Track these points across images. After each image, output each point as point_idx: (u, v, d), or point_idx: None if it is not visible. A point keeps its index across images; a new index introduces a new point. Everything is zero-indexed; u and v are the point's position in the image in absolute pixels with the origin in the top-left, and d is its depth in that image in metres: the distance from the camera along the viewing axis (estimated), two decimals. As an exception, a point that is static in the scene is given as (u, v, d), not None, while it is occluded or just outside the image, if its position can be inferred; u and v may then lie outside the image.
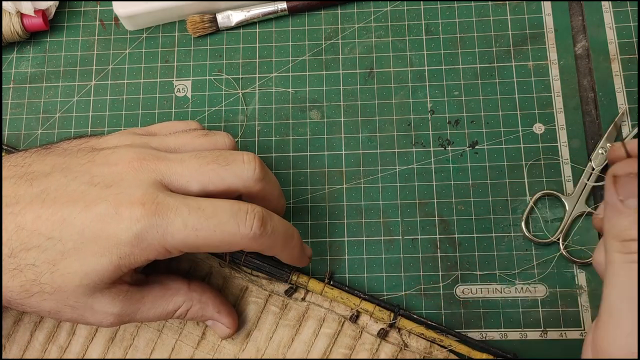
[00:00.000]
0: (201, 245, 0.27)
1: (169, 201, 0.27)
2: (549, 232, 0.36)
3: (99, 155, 0.29)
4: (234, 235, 0.27)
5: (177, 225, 0.26)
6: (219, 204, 0.27)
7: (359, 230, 0.37)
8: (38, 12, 0.40)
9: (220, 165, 0.28)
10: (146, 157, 0.28)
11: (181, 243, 0.27)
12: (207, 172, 0.28)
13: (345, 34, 0.41)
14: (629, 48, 0.39)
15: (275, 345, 0.34)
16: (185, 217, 0.26)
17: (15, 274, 0.27)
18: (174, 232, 0.26)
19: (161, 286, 0.30)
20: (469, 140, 0.38)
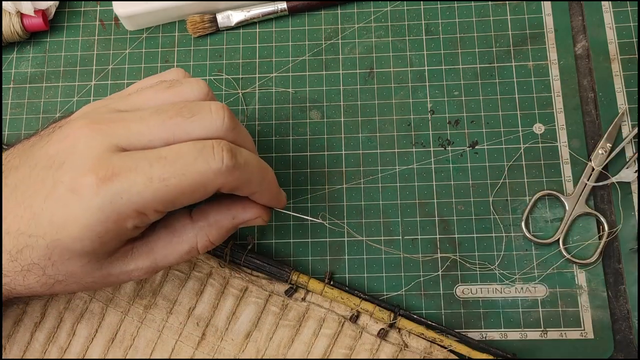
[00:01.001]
0: (175, 196, 0.25)
1: (126, 161, 0.24)
2: (549, 232, 0.36)
3: (55, 132, 0.26)
4: (206, 173, 0.25)
5: (142, 182, 0.24)
6: (180, 147, 0.25)
7: (359, 230, 0.37)
8: (38, 12, 0.40)
9: (185, 118, 0.26)
10: (99, 121, 0.26)
11: (152, 200, 0.24)
12: (170, 127, 0.25)
13: (345, 34, 0.41)
14: (629, 48, 0.39)
15: (275, 345, 0.34)
16: (148, 171, 0.24)
17: (26, 274, 0.26)
18: (140, 190, 0.24)
19: (167, 230, 0.28)
20: (469, 140, 0.38)
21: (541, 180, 0.37)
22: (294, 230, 0.37)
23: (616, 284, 0.35)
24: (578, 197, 0.36)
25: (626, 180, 0.36)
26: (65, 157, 0.25)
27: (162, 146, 0.25)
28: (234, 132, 0.27)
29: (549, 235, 0.36)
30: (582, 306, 0.35)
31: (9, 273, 0.27)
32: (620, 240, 0.36)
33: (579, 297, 0.35)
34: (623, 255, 0.35)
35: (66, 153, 0.25)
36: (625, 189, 0.37)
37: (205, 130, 0.26)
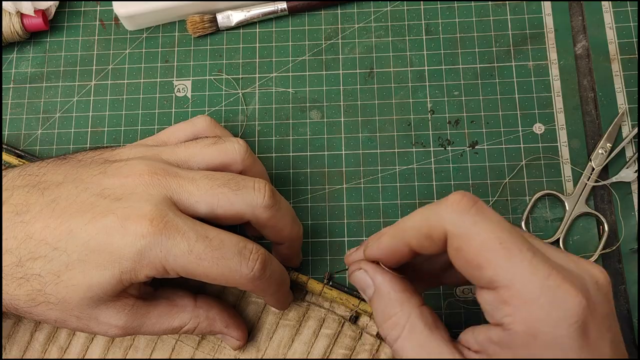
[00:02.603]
0: (199, 275, 0.27)
1: (178, 222, 0.26)
2: (549, 232, 0.36)
3: (111, 167, 0.29)
4: (234, 273, 0.27)
5: (182, 249, 0.26)
6: (226, 237, 0.27)
7: (359, 230, 0.37)
8: (38, 12, 0.40)
9: (231, 190, 0.28)
10: (157, 171, 0.28)
11: (181, 268, 0.26)
12: (217, 195, 0.28)
13: (345, 34, 0.41)
14: (629, 48, 0.39)
15: (275, 345, 0.34)
16: (192, 244, 0.26)
17: (22, 283, 0.27)
18: (177, 254, 0.26)
19: (168, 302, 0.30)
20: (469, 140, 0.38)
21: (541, 180, 0.37)
22: (294, 230, 0.37)
23: (616, 284, 0.35)
24: (578, 197, 0.36)
25: (626, 180, 0.36)
26: (123, 194, 0.27)
27: (205, 209, 0.28)
28: (273, 209, 0.29)
29: (549, 235, 0.36)
30: (582, 306, 0.35)
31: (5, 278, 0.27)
32: (620, 240, 0.36)
33: (579, 297, 0.35)
34: (623, 255, 0.35)
35: (124, 191, 0.27)
36: (625, 189, 0.37)
37: (247, 205, 0.28)
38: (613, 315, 0.23)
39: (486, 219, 0.23)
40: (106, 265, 0.26)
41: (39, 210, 0.27)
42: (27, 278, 0.27)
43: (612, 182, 0.36)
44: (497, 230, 0.22)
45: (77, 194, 0.27)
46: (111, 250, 0.26)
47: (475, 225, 0.23)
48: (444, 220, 0.23)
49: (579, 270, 0.23)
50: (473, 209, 0.23)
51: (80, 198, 0.27)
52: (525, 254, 0.22)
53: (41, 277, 0.26)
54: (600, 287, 0.23)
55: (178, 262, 0.26)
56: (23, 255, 0.27)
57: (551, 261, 0.22)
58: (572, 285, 0.21)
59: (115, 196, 0.27)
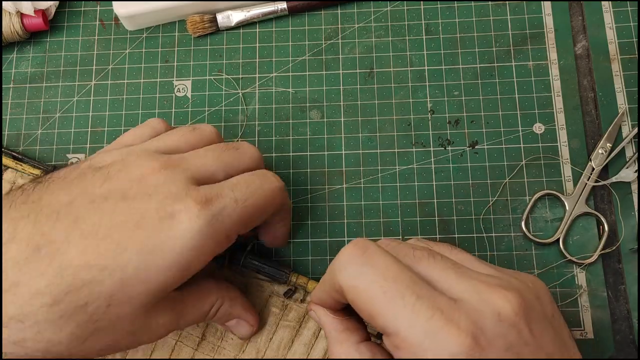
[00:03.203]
0: (253, 213, 0.28)
1: (211, 189, 0.27)
2: (549, 232, 0.36)
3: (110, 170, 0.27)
4: (272, 191, 0.29)
5: (230, 205, 0.26)
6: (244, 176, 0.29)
7: (358, 230, 0.37)
8: (38, 12, 0.40)
9: (234, 150, 0.30)
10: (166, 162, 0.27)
11: (238, 221, 0.27)
12: (225, 159, 0.29)
13: (345, 34, 0.41)
14: (629, 48, 0.39)
15: (275, 346, 0.34)
16: (231, 195, 0.27)
17: (63, 323, 0.23)
18: (230, 212, 0.26)
19: (196, 286, 0.29)
20: (469, 140, 0.38)
21: (541, 180, 0.37)
22: (294, 230, 0.37)
23: (616, 284, 0.35)
24: (578, 197, 0.36)
25: (626, 180, 0.36)
26: (148, 191, 0.26)
27: (223, 175, 0.29)
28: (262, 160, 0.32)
29: (549, 235, 0.36)
30: (582, 306, 0.35)
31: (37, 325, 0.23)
32: (620, 240, 0.36)
33: (579, 297, 0.35)
34: (623, 255, 0.35)
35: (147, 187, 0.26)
36: (625, 189, 0.37)
37: (250, 159, 0.30)
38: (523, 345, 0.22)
39: (372, 269, 0.24)
40: (170, 263, 0.25)
41: (65, 237, 0.24)
42: (69, 315, 0.23)
43: (612, 182, 0.36)
44: (381, 280, 0.23)
45: (99, 206, 0.25)
46: (172, 245, 0.24)
47: (361, 277, 0.24)
48: (337, 277, 0.25)
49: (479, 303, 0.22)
50: (360, 259, 0.24)
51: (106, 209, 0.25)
52: (407, 300, 0.22)
53: (89, 306, 0.24)
54: (502, 319, 0.22)
55: (233, 218, 0.26)
56: (58, 292, 0.23)
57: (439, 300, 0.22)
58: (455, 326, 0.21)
59: (143, 194, 0.25)
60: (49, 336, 0.23)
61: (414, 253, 0.25)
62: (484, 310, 0.22)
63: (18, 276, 0.23)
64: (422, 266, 0.24)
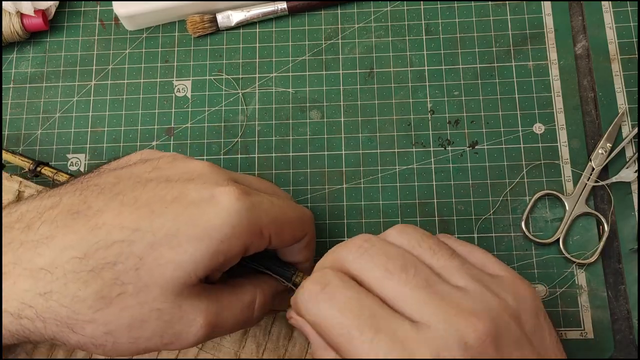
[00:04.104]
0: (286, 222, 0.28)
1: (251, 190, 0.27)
2: (549, 232, 0.36)
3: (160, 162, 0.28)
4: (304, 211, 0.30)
5: (267, 204, 0.27)
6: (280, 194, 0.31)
7: (359, 230, 0.37)
8: (38, 12, 0.40)
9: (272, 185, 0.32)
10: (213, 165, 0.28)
11: (273, 220, 0.27)
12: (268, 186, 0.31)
13: (345, 34, 0.41)
14: (629, 48, 0.39)
15: (274, 338, 0.34)
16: (269, 198, 0.27)
17: (90, 278, 0.23)
18: (267, 208, 0.26)
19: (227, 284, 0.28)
20: (469, 140, 0.38)
21: (541, 180, 0.37)
22: (294, 230, 0.37)
23: (616, 284, 0.35)
24: (578, 197, 0.36)
25: (626, 180, 0.36)
26: (191, 177, 0.26)
27: None
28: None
29: (549, 235, 0.36)
30: (582, 306, 0.35)
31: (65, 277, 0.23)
32: (620, 240, 0.36)
33: (579, 297, 0.35)
34: (623, 255, 0.35)
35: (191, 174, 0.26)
36: (625, 189, 0.37)
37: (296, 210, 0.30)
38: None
39: (331, 305, 0.24)
40: (202, 237, 0.24)
41: (104, 204, 0.24)
42: (97, 271, 0.23)
43: (612, 182, 0.36)
44: (340, 316, 0.23)
45: (144, 185, 0.25)
46: (207, 220, 0.24)
47: (321, 312, 0.24)
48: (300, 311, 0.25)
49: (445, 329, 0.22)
50: (320, 294, 0.24)
51: (148, 187, 0.25)
52: (366, 336, 0.22)
53: (117, 265, 0.23)
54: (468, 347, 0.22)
55: (270, 215, 0.26)
56: (90, 246, 0.23)
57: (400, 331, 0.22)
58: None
59: (186, 178, 0.26)
60: (75, 291, 0.23)
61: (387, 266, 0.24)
62: (449, 337, 0.22)
63: (53, 231, 0.24)
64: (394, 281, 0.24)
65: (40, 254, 0.23)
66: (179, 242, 0.24)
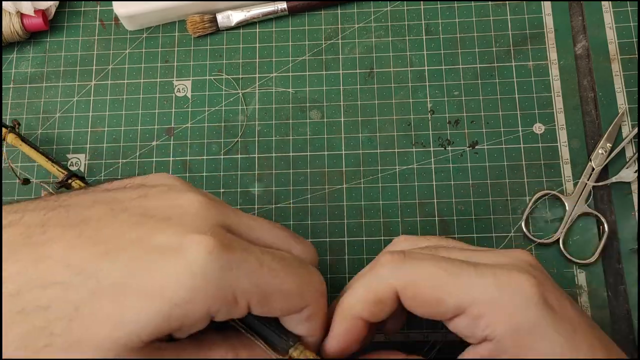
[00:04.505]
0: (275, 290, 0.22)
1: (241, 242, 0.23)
2: (549, 232, 0.36)
3: (152, 190, 0.24)
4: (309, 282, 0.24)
5: (253, 264, 0.22)
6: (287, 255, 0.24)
7: (358, 230, 0.37)
8: (38, 12, 0.40)
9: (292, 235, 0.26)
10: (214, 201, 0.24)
11: (255, 287, 0.22)
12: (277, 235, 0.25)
13: (345, 34, 0.41)
14: (629, 48, 0.39)
15: None
16: (260, 256, 0.22)
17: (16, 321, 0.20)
18: (250, 271, 0.22)
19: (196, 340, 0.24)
20: (469, 140, 0.38)
21: (541, 180, 0.37)
22: (295, 230, 0.37)
23: (616, 284, 0.35)
24: (578, 197, 0.36)
25: (626, 180, 0.36)
26: (173, 214, 0.22)
27: None
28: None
29: (549, 235, 0.36)
30: (582, 306, 0.35)
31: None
32: (620, 240, 0.36)
33: (579, 297, 0.35)
34: (623, 255, 0.35)
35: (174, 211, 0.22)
36: (625, 189, 0.37)
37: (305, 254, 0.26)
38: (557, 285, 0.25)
39: (421, 262, 0.25)
40: (152, 296, 0.20)
41: (61, 232, 0.21)
42: (27, 312, 0.20)
43: (612, 182, 0.36)
44: (436, 265, 0.25)
45: (113, 215, 0.22)
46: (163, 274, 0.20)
47: (417, 270, 0.25)
48: (389, 279, 0.25)
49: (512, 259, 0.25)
50: (406, 258, 0.25)
51: (118, 219, 0.22)
52: (469, 270, 0.24)
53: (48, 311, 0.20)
54: (534, 266, 0.25)
55: (252, 279, 0.22)
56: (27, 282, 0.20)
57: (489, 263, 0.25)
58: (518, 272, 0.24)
59: (164, 216, 0.22)
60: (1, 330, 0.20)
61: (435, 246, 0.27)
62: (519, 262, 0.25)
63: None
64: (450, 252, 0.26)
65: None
66: (124, 297, 0.20)
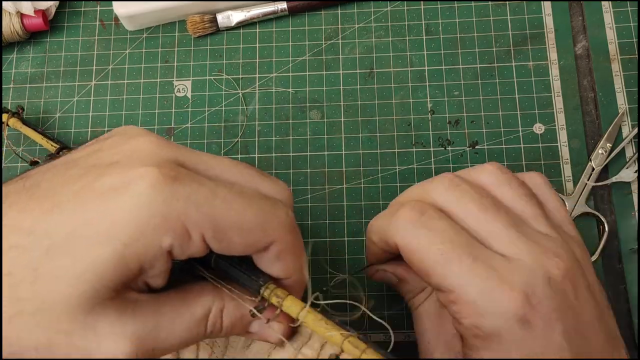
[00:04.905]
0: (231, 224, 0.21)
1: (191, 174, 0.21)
2: (549, 232, 0.36)
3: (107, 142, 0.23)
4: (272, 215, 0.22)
5: (204, 194, 0.20)
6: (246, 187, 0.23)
7: (358, 230, 0.37)
8: (38, 12, 0.40)
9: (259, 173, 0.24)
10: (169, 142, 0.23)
11: (207, 218, 0.20)
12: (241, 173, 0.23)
13: (345, 34, 0.41)
14: (629, 48, 0.39)
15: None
16: (213, 187, 0.21)
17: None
18: (199, 201, 0.20)
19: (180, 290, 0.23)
20: (469, 140, 0.38)
21: (541, 180, 0.37)
22: (294, 230, 0.37)
23: (616, 283, 0.35)
24: (578, 197, 0.36)
25: (626, 180, 0.36)
26: (121, 157, 0.21)
27: None
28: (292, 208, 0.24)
29: (549, 235, 0.36)
30: (582, 306, 0.35)
31: None
32: (620, 240, 0.36)
33: (579, 297, 0.35)
34: (623, 255, 0.35)
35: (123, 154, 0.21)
36: (625, 189, 0.37)
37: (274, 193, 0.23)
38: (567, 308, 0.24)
39: (430, 231, 0.25)
40: (103, 239, 0.19)
41: (16, 197, 0.21)
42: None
43: (612, 182, 0.36)
44: (439, 242, 0.24)
45: (65, 171, 0.21)
46: (111, 218, 0.19)
47: (419, 239, 0.25)
48: (394, 234, 0.26)
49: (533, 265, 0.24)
50: (418, 222, 0.25)
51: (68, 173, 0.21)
52: (464, 262, 0.24)
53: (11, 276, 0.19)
54: (552, 282, 0.23)
55: (203, 210, 0.20)
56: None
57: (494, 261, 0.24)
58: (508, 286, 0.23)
59: (112, 160, 0.21)
60: None
61: (482, 202, 0.25)
62: (537, 272, 0.23)
63: None
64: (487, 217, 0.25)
65: None
66: (77, 247, 0.19)
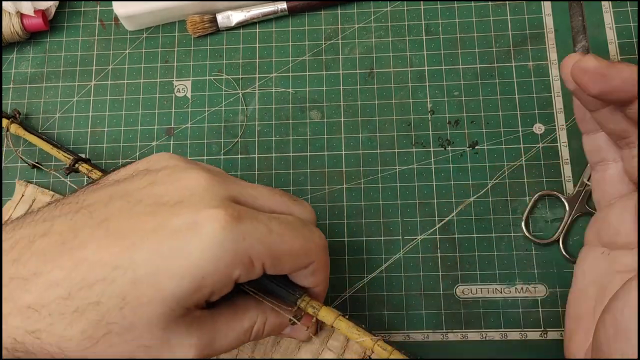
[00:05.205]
0: (285, 252, 0.26)
1: (247, 210, 0.25)
2: (549, 232, 0.36)
3: (158, 174, 0.26)
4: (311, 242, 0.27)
5: (263, 231, 0.25)
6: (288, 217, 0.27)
7: (358, 230, 0.37)
8: (38, 12, 0.40)
9: (291, 199, 0.29)
10: (217, 176, 0.26)
11: (268, 250, 0.25)
12: (277, 201, 0.28)
13: (345, 34, 0.41)
14: (629, 48, 0.39)
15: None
16: (267, 223, 0.25)
17: (75, 319, 0.23)
18: (261, 237, 0.25)
19: (230, 305, 0.28)
20: (469, 140, 0.38)
21: (541, 180, 0.37)
22: (294, 230, 0.37)
23: (616, 284, 0.35)
24: (578, 197, 0.36)
25: (626, 181, 0.36)
26: (182, 197, 0.25)
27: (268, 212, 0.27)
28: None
29: (549, 235, 0.36)
30: (582, 306, 0.35)
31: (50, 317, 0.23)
32: (620, 240, 0.36)
33: (579, 297, 0.35)
34: (623, 256, 0.35)
35: (182, 193, 0.25)
36: (625, 189, 0.36)
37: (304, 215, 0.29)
38: None
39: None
40: (183, 273, 0.23)
41: (89, 233, 0.24)
42: (82, 311, 0.23)
43: (612, 182, 0.36)
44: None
45: (130, 208, 0.25)
46: (188, 253, 0.23)
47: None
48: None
49: None
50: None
51: (135, 210, 0.24)
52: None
53: (100, 305, 0.23)
54: None
55: (265, 244, 0.25)
56: (73, 285, 0.23)
57: None
58: None
59: (175, 200, 0.25)
60: (61, 331, 0.23)
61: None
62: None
63: (40, 267, 0.23)
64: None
65: (28, 291, 0.23)
66: (160, 278, 0.23)
